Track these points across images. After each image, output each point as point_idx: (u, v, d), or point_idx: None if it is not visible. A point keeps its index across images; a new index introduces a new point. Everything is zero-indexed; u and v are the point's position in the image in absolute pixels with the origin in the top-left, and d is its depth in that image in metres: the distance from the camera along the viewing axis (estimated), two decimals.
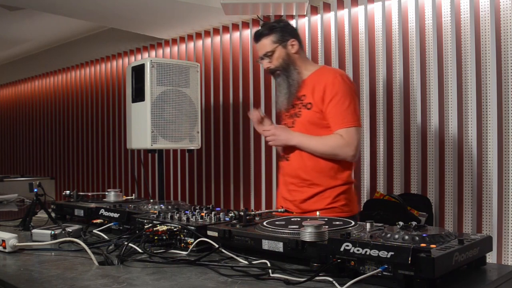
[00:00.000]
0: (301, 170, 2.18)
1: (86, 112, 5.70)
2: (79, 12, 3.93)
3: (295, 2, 3.24)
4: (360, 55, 3.27)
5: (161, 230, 1.46)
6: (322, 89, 2.13)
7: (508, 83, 2.65)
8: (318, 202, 2.13)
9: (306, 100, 2.19)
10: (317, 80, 2.19)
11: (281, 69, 2.23)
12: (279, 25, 2.26)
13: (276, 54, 2.23)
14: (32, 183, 4.47)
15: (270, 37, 2.23)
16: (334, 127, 2.11)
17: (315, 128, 2.15)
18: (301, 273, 1.14)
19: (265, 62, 2.27)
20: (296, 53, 2.24)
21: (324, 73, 2.21)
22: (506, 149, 2.66)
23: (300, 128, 2.19)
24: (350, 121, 2.10)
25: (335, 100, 2.11)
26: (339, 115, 2.10)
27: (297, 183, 2.20)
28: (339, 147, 2.09)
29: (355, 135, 2.10)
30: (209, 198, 4.27)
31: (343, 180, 2.15)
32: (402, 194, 2.94)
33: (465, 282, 1.11)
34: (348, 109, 2.10)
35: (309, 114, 2.16)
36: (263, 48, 2.26)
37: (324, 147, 2.12)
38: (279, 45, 2.22)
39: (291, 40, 2.23)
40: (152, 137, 3.09)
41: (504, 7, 2.66)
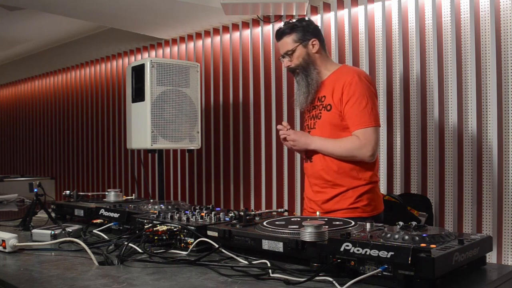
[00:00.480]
0: (324, 172, 2.19)
1: (86, 112, 5.70)
2: (79, 12, 3.93)
3: (295, 2, 3.24)
4: (360, 55, 3.27)
5: (161, 230, 1.46)
6: (341, 90, 2.14)
7: (508, 83, 2.65)
8: (340, 202, 2.14)
9: (326, 102, 2.19)
10: (336, 81, 2.19)
11: (301, 68, 2.24)
12: (301, 24, 2.26)
13: (297, 53, 2.23)
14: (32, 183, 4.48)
15: (291, 36, 2.23)
16: (352, 128, 2.12)
17: (336, 129, 2.16)
18: (301, 273, 1.14)
19: (285, 60, 2.28)
20: (317, 52, 2.24)
21: (343, 73, 2.21)
22: (506, 149, 2.66)
23: (321, 129, 2.20)
24: (366, 121, 2.10)
25: (352, 101, 2.11)
26: (356, 116, 2.11)
27: (320, 184, 2.21)
28: (355, 149, 2.10)
29: (372, 135, 2.09)
30: (209, 198, 4.27)
31: (365, 180, 2.15)
32: (402, 194, 2.94)
33: (465, 282, 1.11)
34: (365, 109, 2.10)
35: (329, 116, 2.17)
36: (284, 47, 2.26)
37: (341, 150, 2.13)
38: (300, 44, 2.23)
39: (313, 40, 2.23)
40: (152, 137, 3.09)
41: (504, 7, 2.66)
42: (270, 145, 3.75)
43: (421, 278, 0.99)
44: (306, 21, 2.30)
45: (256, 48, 3.86)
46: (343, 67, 2.28)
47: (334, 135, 2.16)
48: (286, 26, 2.27)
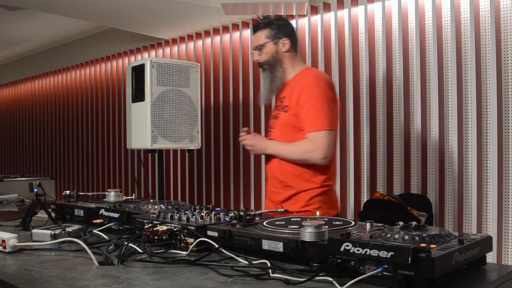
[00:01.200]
0: (279, 172, 2.23)
1: (86, 112, 5.70)
2: (79, 12, 3.93)
3: (295, 2, 3.24)
4: (360, 55, 3.27)
5: (161, 230, 1.46)
6: (298, 92, 2.17)
7: (508, 83, 2.65)
8: (293, 204, 2.17)
9: (285, 103, 2.23)
10: (297, 83, 2.22)
11: (268, 65, 2.29)
12: (277, 22, 2.31)
13: (266, 49, 2.28)
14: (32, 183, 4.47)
15: (264, 31, 2.30)
16: (306, 131, 2.14)
17: (292, 130, 2.19)
18: (301, 273, 1.14)
19: (255, 54, 2.34)
20: (287, 52, 2.28)
21: (303, 76, 2.24)
22: (506, 149, 2.66)
23: (279, 130, 2.25)
24: (320, 124, 2.11)
25: (308, 104, 2.13)
26: (310, 119, 2.13)
27: (275, 184, 2.26)
28: (307, 152, 2.12)
29: (324, 138, 2.10)
30: (209, 198, 4.27)
31: (317, 184, 2.17)
32: (402, 194, 2.94)
33: (465, 282, 1.11)
34: (320, 112, 2.11)
35: (286, 117, 2.20)
36: (256, 41, 2.33)
37: (294, 154, 2.17)
38: (271, 41, 2.28)
39: (284, 39, 2.27)
40: (152, 137, 3.09)
41: (504, 7, 2.66)
42: None
43: (421, 278, 0.99)
44: (283, 20, 2.36)
45: None
46: (306, 70, 2.31)
47: (291, 135, 2.19)
48: (262, 21, 2.34)
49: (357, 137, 3.26)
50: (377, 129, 3.17)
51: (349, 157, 3.26)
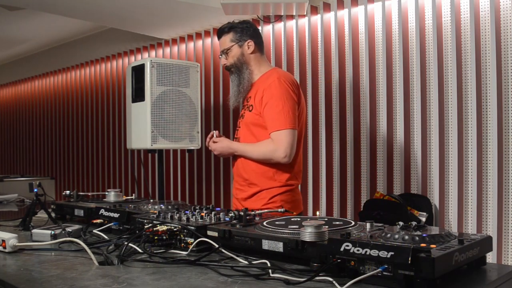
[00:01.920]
0: (243, 170, 2.28)
1: (86, 112, 5.70)
2: (79, 12, 3.93)
3: (295, 2, 3.24)
4: (360, 55, 3.27)
5: (161, 230, 1.46)
6: (262, 92, 2.21)
7: (508, 83, 2.65)
8: (256, 201, 2.21)
9: (250, 102, 2.28)
10: (261, 83, 2.26)
11: (235, 68, 2.33)
12: (241, 25, 2.35)
13: (232, 53, 2.33)
14: (32, 183, 4.47)
15: (229, 35, 2.34)
16: (268, 130, 2.18)
17: (257, 128, 2.23)
18: (301, 273, 1.14)
19: (222, 59, 2.38)
20: (252, 53, 2.32)
21: (268, 76, 2.27)
22: (506, 149, 2.66)
23: (244, 129, 2.29)
24: (281, 124, 2.14)
25: (270, 104, 2.17)
26: (272, 118, 2.16)
27: (240, 182, 2.31)
28: (269, 151, 2.16)
29: (285, 137, 2.13)
30: (209, 198, 4.27)
31: (281, 182, 2.20)
32: (402, 194, 2.94)
33: (465, 282, 1.11)
34: (281, 112, 2.14)
35: (250, 116, 2.25)
36: (222, 45, 2.37)
37: (257, 153, 2.21)
38: (236, 44, 2.33)
39: (248, 41, 2.32)
40: (152, 137, 3.09)
41: (504, 7, 2.66)
42: None
43: (421, 278, 0.99)
44: (247, 23, 2.39)
45: None
46: (271, 70, 2.34)
47: (256, 134, 2.24)
48: (226, 25, 2.38)
49: (357, 137, 3.26)
50: (377, 129, 3.16)
51: (349, 157, 3.26)
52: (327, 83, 3.39)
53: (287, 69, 3.62)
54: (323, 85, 3.39)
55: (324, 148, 3.39)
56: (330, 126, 3.38)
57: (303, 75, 3.54)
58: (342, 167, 3.30)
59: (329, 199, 3.38)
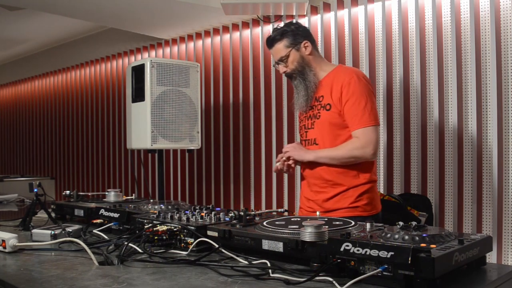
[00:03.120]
0: (324, 171, 2.18)
1: (86, 112, 5.70)
2: (79, 12, 3.93)
3: (295, 2, 3.24)
4: (360, 55, 3.27)
5: (161, 230, 1.46)
6: (339, 90, 2.14)
7: (508, 83, 2.65)
8: (341, 201, 2.14)
9: (325, 101, 2.19)
10: (334, 80, 2.19)
11: (297, 72, 2.24)
12: (290, 28, 2.25)
13: (291, 58, 2.23)
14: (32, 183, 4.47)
15: (282, 41, 2.23)
16: (352, 128, 2.12)
17: (336, 128, 2.16)
18: (301, 273, 1.14)
19: (281, 67, 2.27)
20: (310, 54, 2.24)
21: (341, 73, 2.21)
22: (506, 149, 2.66)
23: (320, 128, 2.20)
24: (366, 120, 2.10)
25: (351, 100, 2.11)
26: (356, 116, 2.11)
27: (320, 184, 2.21)
28: (356, 149, 2.10)
29: (372, 133, 2.10)
30: (209, 198, 4.27)
31: (366, 179, 2.16)
32: (402, 194, 2.94)
33: (465, 282, 1.11)
34: (364, 109, 2.11)
35: (329, 115, 2.16)
36: (277, 53, 2.25)
37: (342, 153, 2.12)
38: (293, 49, 2.22)
39: (304, 42, 2.23)
40: (152, 137, 3.09)
41: (504, 7, 2.66)
42: (270, 145, 3.75)
43: (421, 278, 0.99)
44: (294, 24, 2.30)
45: (256, 48, 3.86)
46: (340, 67, 2.29)
47: (333, 134, 2.17)
48: (276, 32, 2.27)
49: None
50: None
51: None
52: None
53: None
54: None
55: None
56: None
57: None
58: None
59: None
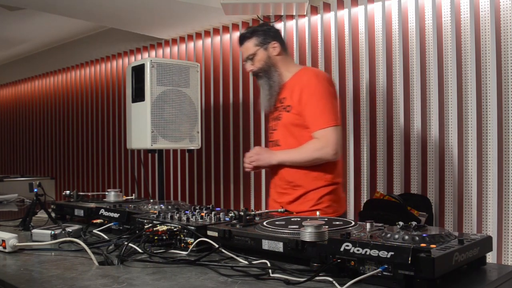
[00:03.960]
0: (286, 172, 2.21)
1: (86, 112, 5.70)
2: (79, 12, 3.93)
3: (295, 2, 3.24)
4: (360, 55, 3.27)
5: (161, 230, 1.46)
6: (299, 91, 2.16)
7: (508, 83, 2.65)
8: (303, 204, 2.16)
9: (286, 103, 2.22)
10: (296, 82, 2.22)
11: (263, 72, 2.28)
12: (261, 28, 2.31)
13: (258, 57, 2.28)
14: (32, 183, 4.47)
15: (252, 40, 2.29)
16: (312, 129, 2.13)
17: (297, 129, 2.18)
18: (301, 273, 1.14)
19: (248, 64, 2.33)
20: (278, 55, 2.28)
21: (302, 75, 2.24)
22: (506, 149, 2.66)
23: (282, 130, 2.23)
24: (326, 121, 2.11)
25: (311, 102, 2.13)
26: (316, 116, 2.12)
27: (283, 185, 2.24)
28: (317, 150, 2.11)
29: (332, 134, 2.11)
30: (209, 198, 4.27)
31: (327, 181, 2.17)
32: (402, 194, 2.94)
33: (465, 282, 1.11)
34: (324, 109, 2.12)
35: (289, 117, 2.19)
36: (246, 51, 2.31)
37: (303, 155, 2.14)
38: (261, 48, 2.27)
39: (273, 43, 2.27)
40: (152, 137, 3.09)
41: (504, 7, 2.66)
42: None
43: (421, 278, 0.99)
44: (267, 25, 2.36)
45: None
46: (303, 69, 2.31)
47: (294, 135, 2.19)
48: (247, 30, 2.33)
49: (357, 137, 3.26)
50: (377, 129, 3.16)
51: (349, 157, 3.26)
52: None
53: None
54: None
55: None
56: None
57: None
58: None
59: None
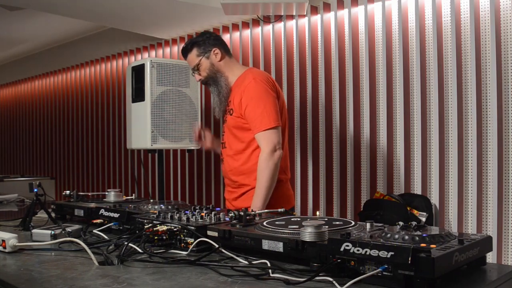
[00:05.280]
0: (231, 172, 2.31)
1: (86, 112, 5.70)
2: (79, 12, 3.93)
3: (295, 2, 3.24)
4: (360, 55, 3.27)
5: (161, 230, 1.46)
6: (240, 94, 2.23)
7: (508, 83, 2.65)
8: (246, 200, 2.23)
9: (230, 106, 2.31)
10: (238, 86, 2.29)
11: (210, 79, 2.35)
12: (201, 38, 2.38)
13: (203, 66, 2.35)
14: (32, 183, 4.47)
15: (193, 51, 2.36)
16: (254, 131, 2.20)
17: (240, 131, 2.26)
18: (301, 273, 1.14)
19: (196, 75, 2.40)
20: (220, 60, 2.35)
21: (243, 78, 2.30)
22: (506, 149, 2.66)
23: (228, 133, 2.33)
24: (266, 123, 2.16)
25: (250, 105, 2.19)
26: (256, 119, 2.18)
27: (229, 184, 2.35)
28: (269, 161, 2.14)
29: (273, 135, 2.16)
30: (209, 198, 4.27)
31: None
32: (402, 194, 2.94)
33: (465, 282, 1.11)
34: (263, 112, 2.17)
35: (232, 120, 2.28)
36: (191, 63, 2.39)
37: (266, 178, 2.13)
38: (203, 57, 2.35)
39: (213, 50, 2.34)
40: (152, 137, 3.09)
41: (504, 7, 2.66)
42: None
43: (421, 278, 0.99)
44: (205, 33, 2.42)
45: (256, 48, 3.86)
46: (246, 72, 2.35)
47: (237, 137, 2.27)
48: (187, 43, 2.40)
49: (357, 136, 3.26)
50: (378, 129, 3.16)
51: (349, 157, 3.26)
52: (327, 83, 3.39)
53: (287, 69, 3.62)
54: (323, 85, 3.39)
55: (324, 148, 3.39)
56: (330, 126, 3.38)
57: (303, 75, 3.54)
58: (342, 167, 3.30)
59: (329, 199, 3.38)
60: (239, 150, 2.29)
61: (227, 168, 2.34)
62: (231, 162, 2.32)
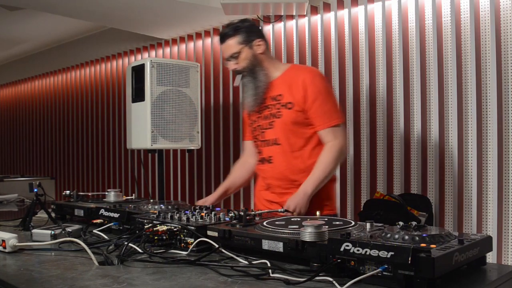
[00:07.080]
0: (288, 171, 2.14)
1: (86, 112, 5.70)
2: (79, 12, 3.93)
3: (295, 2, 3.24)
4: (360, 55, 3.27)
5: (161, 230, 1.46)
6: (302, 88, 2.10)
7: (508, 83, 2.65)
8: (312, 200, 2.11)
9: (285, 100, 2.14)
10: (293, 79, 2.15)
11: (248, 70, 2.18)
12: (244, 25, 2.19)
13: (243, 55, 2.16)
14: (32, 183, 4.47)
15: (235, 38, 2.16)
16: (320, 126, 2.10)
17: (299, 127, 2.12)
18: (301, 273, 1.14)
19: (231, 63, 2.21)
20: (263, 53, 2.19)
21: (299, 71, 2.19)
22: (506, 149, 2.66)
23: (282, 128, 2.14)
24: (335, 119, 2.11)
25: (319, 100, 2.09)
26: (325, 114, 2.10)
27: (284, 185, 2.16)
28: (338, 152, 2.08)
29: (343, 131, 2.15)
30: None
31: None
32: (402, 194, 2.94)
33: (465, 282, 1.11)
34: (332, 107, 2.13)
35: (292, 114, 2.12)
36: (229, 50, 2.18)
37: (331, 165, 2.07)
38: (245, 46, 2.16)
39: (258, 40, 2.18)
40: (152, 137, 3.09)
41: (504, 7, 2.66)
42: None
43: (421, 278, 0.99)
44: (249, 21, 2.24)
45: None
46: (296, 66, 2.31)
47: (295, 132, 2.13)
48: (229, 28, 2.20)
49: (357, 136, 3.26)
50: (377, 129, 3.16)
51: (349, 157, 3.26)
52: None
53: None
54: None
55: None
56: None
57: None
58: (342, 167, 3.30)
59: None
60: (299, 146, 2.13)
61: (283, 167, 2.15)
62: (290, 159, 2.14)
